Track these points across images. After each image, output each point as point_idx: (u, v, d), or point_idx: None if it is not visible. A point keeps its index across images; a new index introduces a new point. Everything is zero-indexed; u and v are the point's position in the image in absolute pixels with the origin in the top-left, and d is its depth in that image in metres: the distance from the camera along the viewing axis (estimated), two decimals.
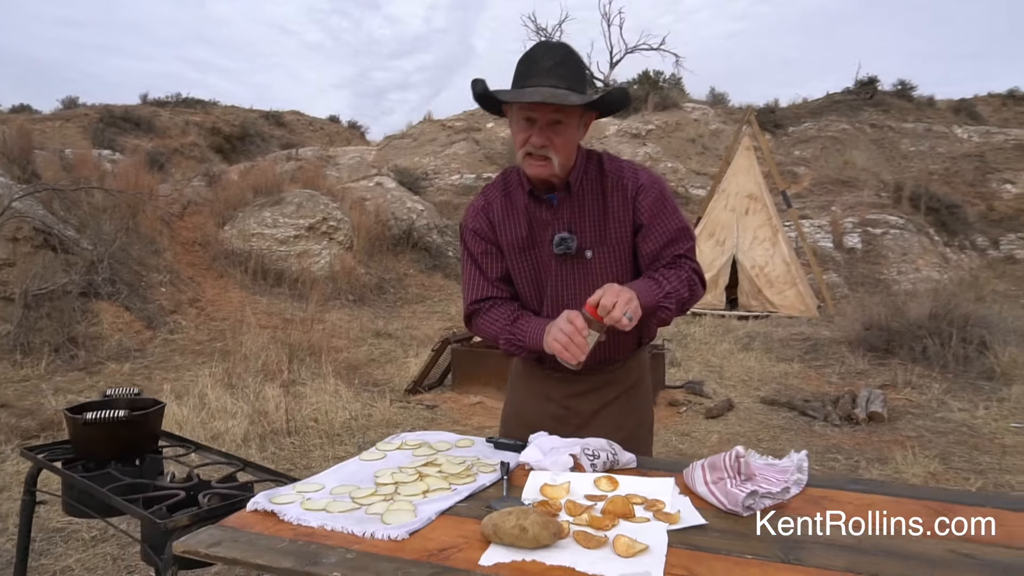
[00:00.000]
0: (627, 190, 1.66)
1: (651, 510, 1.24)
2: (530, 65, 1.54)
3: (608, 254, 1.68)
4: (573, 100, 1.49)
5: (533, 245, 1.71)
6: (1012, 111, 23.22)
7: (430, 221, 12.34)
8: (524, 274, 1.74)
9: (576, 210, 1.67)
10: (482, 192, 1.79)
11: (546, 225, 1.69)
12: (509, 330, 1.68)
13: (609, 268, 1.68)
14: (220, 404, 4.75)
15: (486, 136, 19.66)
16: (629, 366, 1.82)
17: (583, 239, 1.67)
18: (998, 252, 15.17)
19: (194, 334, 7.33)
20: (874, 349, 6.86)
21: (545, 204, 1.68)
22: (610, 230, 1.67)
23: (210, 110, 23.99)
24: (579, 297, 1.65)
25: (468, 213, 1.79)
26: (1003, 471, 3.80)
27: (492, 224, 1.73)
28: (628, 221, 1.67)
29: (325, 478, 1.46)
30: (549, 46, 1.58)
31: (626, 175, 1.67)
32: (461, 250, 1.82)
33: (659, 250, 1.67)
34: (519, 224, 1.71)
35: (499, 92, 1.55)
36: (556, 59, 1.53)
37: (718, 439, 4.55)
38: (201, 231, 9.96)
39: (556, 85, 1.50)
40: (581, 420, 1.76)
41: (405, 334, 7.95)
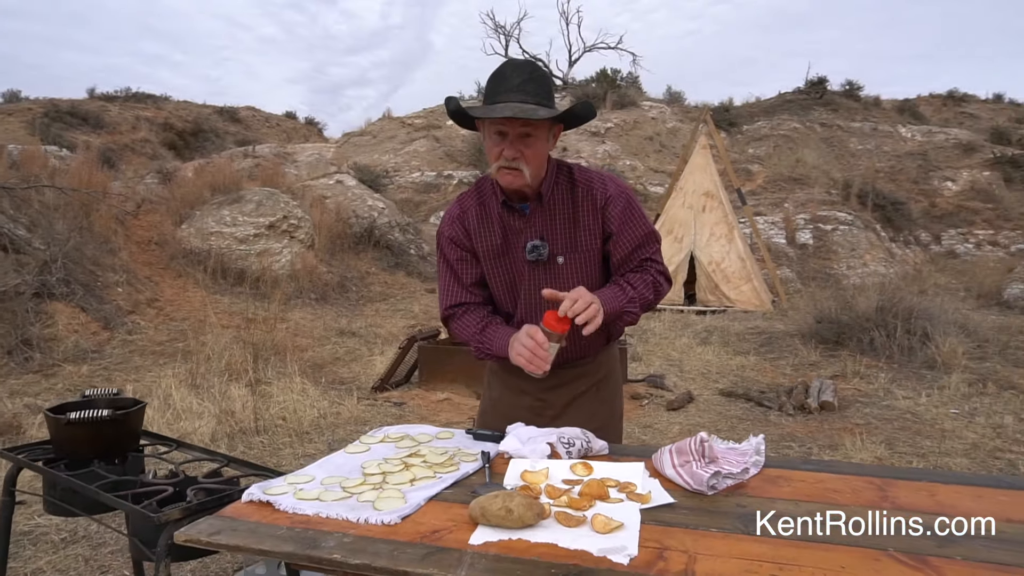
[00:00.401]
0: (596, 201, 1.77)
1: (624, 492, 1.34)
2: (500, 82, 1.64)
3: (578, 260, 1.78)
4: (541, 114, 1.59)
5: (507, 251, 1.79)
6: (952, 111, 24.13)
7: (391, 219, 12.32)
8: (499, 279, 1.83)
9: (547, 218, 1.77)
10: (458, 200, 1.87)
11: (519, 233, 1.78)
12: (478, 338, 1.78)
13: (579, 273, 1.79)
14: (186, 404, 4.74)
15: (446, 134, 19.66)
16: (599, 361, 1.92)
17: (554, 246, 1.77)
18: (940, 247, 15.79)
19: (153, 334, 7.23)
20: (825, 341, 7.14)
21: (518, 213, 1.77)
22: (580, 237, 1.77)
23: (162, 105, 23.45)
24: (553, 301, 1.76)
25: (444, 221, 1.87)
26: (942, 454, 4.04)
27: (468, 231, 1.81)
28: (598, 230, 1.78)
29: (314, 470, 1.52)
30: (516, 64, 1.67)
31: (595, 186, 1.78)
32: (438, 256, 1.90)
33: (628, 255, 1.79)
34: (493, 232, 1.79)
35: (471, 109, 1.65)
36: (524, 76, 1.63)
37: (679, 430, 4.71)
38: (157, 230, 9.79)
39: (525, 100, 1.60)
40: (555, 411, 1.86)
41: (369, 332, 7.96)
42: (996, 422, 4.66)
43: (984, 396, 5.34)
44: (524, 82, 1.62)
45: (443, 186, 16.32)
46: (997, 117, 22.91)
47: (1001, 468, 3.87)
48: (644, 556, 1.09)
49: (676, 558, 1.08)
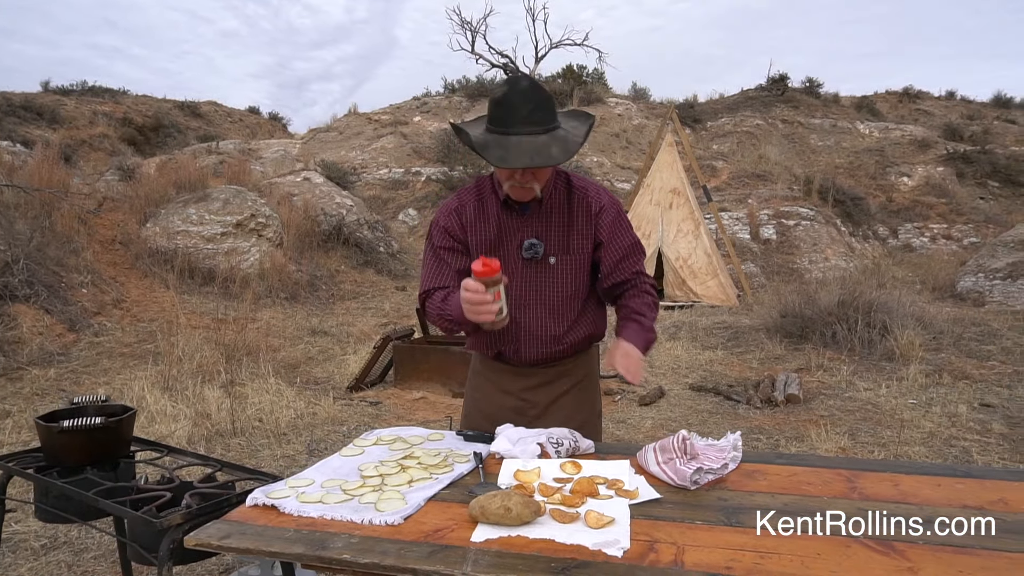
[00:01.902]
0: (591, 208, 1.87)
1: (613, 488, 1.42)
2: (508, 112, 1.66)
3: (570, 261, 1.87)
4: (558, 159, 1.64)
5: (499, 247, 1.86)
6: (907, 108, 24.78)
7: (360, 216, 12.27)
8: None
9: (544, 220, 1.85)
10: (456, 194, 1.93)
11: (515, 231, 1.86)
12: (441, 308, 1.82)
13: (570, 274, 1.87)
14: (160, 407, 4.71)
15: (414, 130, 19.60)
16: (579, 361, 2.01)
17: (548, 246, 1.85)
18: (897, 241, 16.25)
19: (121, 336, 7.13)
20: (790, 335, 7.34)
21: (516, 212, 1.85)
22: (573, 241, 1.86)
23: (120, 99, 22.91)
24: (540, 296, 1.87)
25: (441, 212, 1.93)
26: (902, 443, 4.22)
27: (463, 224, 1.87)
28: (590, 236, 1.87)
29: (313, 474, 1.57)
30: (522, 91, 1.68)
31: (591, 195, 1.88)
32: (426, 245, 1.96)
33: (615, 264, 1.88)
34: (488, 227, 1.86)
35: (483, 147, 1.68)
36: (531, 104, 1.66)
37: (652, 425, 4.83)
38: (121, 229, 9.62)
39: (535, 132, 1.65)
40: (538, 411, 1.94)
41: (341, 331, 7.96)
42: (951, 411, 4.87)
43: (940, 386, 5.56)
44: (532, 111, 1.66)
45: (411, 183, 16.29)
46: (950, 114, 23.61)
47: (956, 455, 4.06)
48: (636, 549, 1.17)
49: (666, 550, 1.17)
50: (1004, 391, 5.42)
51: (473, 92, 22.14)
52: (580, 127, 1.77)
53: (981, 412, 4.89)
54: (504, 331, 1.87)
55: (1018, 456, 4.05)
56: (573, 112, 1.83)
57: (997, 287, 10.42)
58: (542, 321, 1.90)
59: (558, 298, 1.89)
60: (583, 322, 1.96)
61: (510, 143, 1.64)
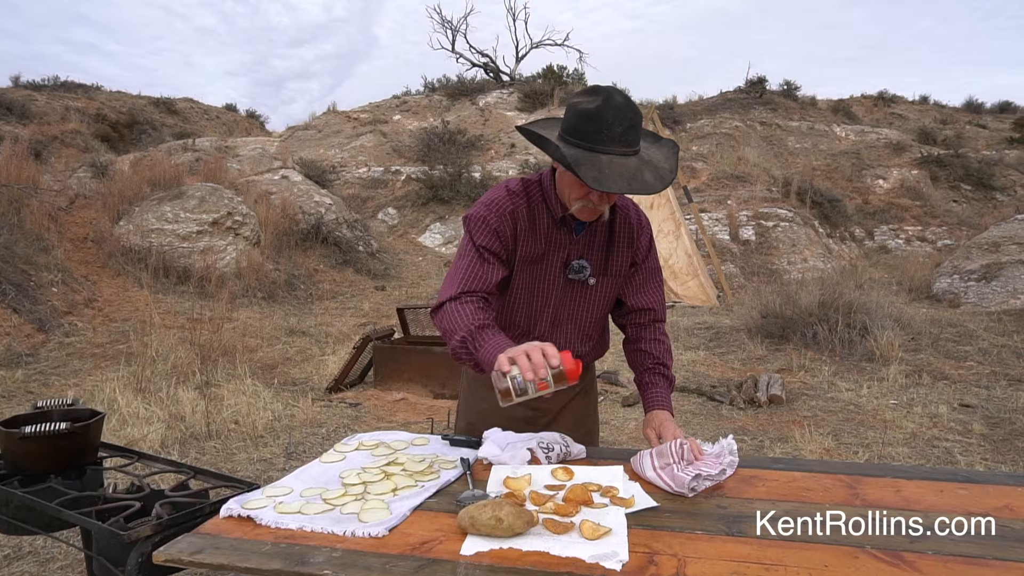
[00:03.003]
0: (633, 228, 1.80)
1: (607, 496, 1.36)
2: (600, 128, 1.50)
3: (607, 283, 1.80)
4: (654, 188, 1.51)
5: (541, 262, 1.74)
6: (882, 111, 25.14)
7: (339, 215, 12.13)
8: (523, 287, 1.77)
9: (589, 239, 1.76)
10: (508, 195, 1.72)
11: (561, 248, 1.74)
12: (472, 332, 1.54)
13: (606, 296, 1.82)
14: (132, 410, 4.58)
15: (393, 129, 19.47)
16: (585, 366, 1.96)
17: (591, 268, 1.77)
18: (873, 242, 16.44)
19: (92, 336, 6.95)
20: (771, 336, 7.36)
21: (567, 230, 1.73)
22: (612, 262, 1.79)
23: (93, 95, 22.52)
24: (576, 318, 1.81)
25: (491, 211, 1.69)
26: (885, 444, 4.22)
27: (516, 232, 1.71)
28: (628, 257, 1.80)
29: (291, 482, 1.50)
30: (618, 108, 1.51)
31: (631, 212, 1.81)
32: (465, 241, 1.72)
33: (642, 285, 1.85)
34: (537, 241, 1.72)
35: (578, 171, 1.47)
36: (625, 124, 1.51)
37: (635, 426, 4.79)
38: (93, 227, 9.41)
39: (626, 153, 1.52)
40: (548, 418, 1.88)
41: (319, 331, 7.84)
42: (932, 411, 4.89)
43: (920, 387, 5.59)
44: (626, 131, 1.52)
45: (391, 182, 16.15)
46: (924, 118, 23.98)
47: (939, 456, 4.07)
48: (635, 561, 1.11)
49: (666, 562, 1.11)
50: (982, 391, 5.46)
51: (453, 91, 22.04)
52: (656, 149, 1.63)
53: (961, 413, 4.91)
54: None
55: (999, 457, 4.07)
56: (644, 132, 1.64)
57: (972, 288, 10.54)
58: (570, 341, 1.83)
59: (591, 319, 1.84)
60: (602, 340, 1.95)
61: (601, 163, 1.49)
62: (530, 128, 1.62)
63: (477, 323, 1.56)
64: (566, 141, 1.55)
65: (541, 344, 1.41)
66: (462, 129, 18.33)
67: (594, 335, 1.88)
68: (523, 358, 1.38)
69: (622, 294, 1.85)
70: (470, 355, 1.56)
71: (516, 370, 1.38)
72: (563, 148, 1.52)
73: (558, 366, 1.38)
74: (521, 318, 1.80)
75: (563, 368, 1.39)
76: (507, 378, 1.39)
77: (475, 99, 21.23)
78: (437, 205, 14.51)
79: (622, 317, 1.91)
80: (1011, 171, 19.17)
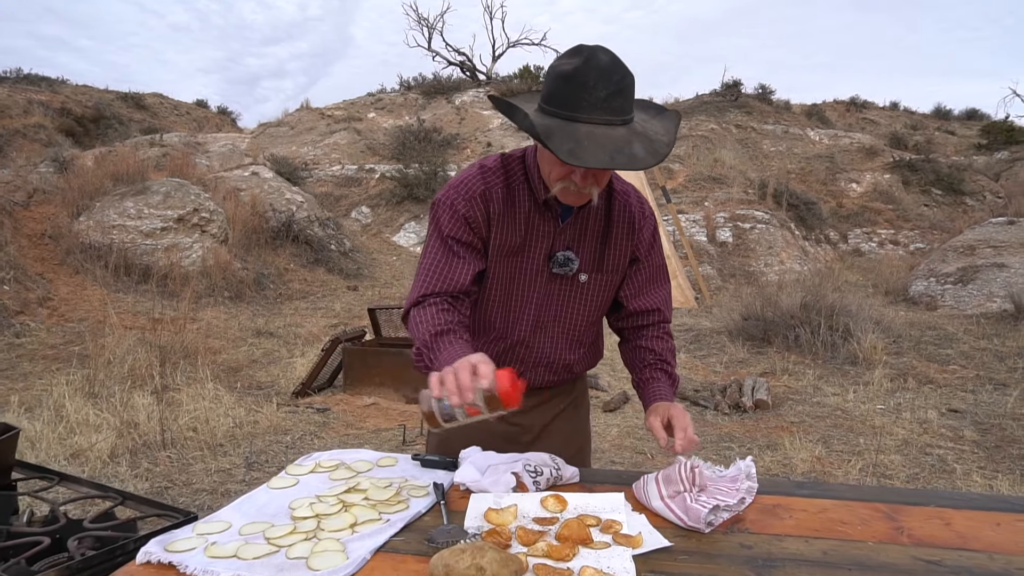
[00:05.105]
0: (634, 218, 1.53)
1: (608, 532, 1.14)
2: (579, 92, 1.25)
3: (601, 281, 1.54)
4: (645, 163, 1.25)
5: (521, 253, 1.49)
6: (855, 116, 25.39)
7: (311, 213, 11.80)
8: (501, 283, 1.51)
9: (579, 228, 1.50)
10: (480, 173, 1.47)
11: (544, 238, 1.48)
12: (428, 341, 1.36)
13: (599, 295, 1.56)
14: (81, 416, 4.27)
15: (368, 126, 19.14)
16: (573, 381, 1.72)
17: (582, 262, 1.51)
18: (847, 245, 16.52)
19: (46, 337, 6.59)
20: (752, 338, 7.21)
21: (551, 216, 1.48)
22: (609, 256, 1.53)
23: (58, 89, 21.87)
24: (563, 320, 1.55)
25: (459, 193, 1.45)
26: (879, 452, 4.06)
27: (489, 216, 1.46)
28: (627, 251, 1.54)
29: (230, 515, 1.25)
30: (602, 70, 1.26)
31: (632, 200, 1.55)
32: (431, 231, 1.48)
33: (643, 284, 1.58)
34: (516, 228, 1.47)
35: (550, 143, 1.23)
36: (611, 88, 1.25)
37: (617, 432, 4.59)
38: (51, 222, 9.00)
39: (611, 122, 1.26)
40: (531, 436, 1.62)
41: (288, 332, 7.53)
42: (921, 417, 4.76)
43: (906, 391, 5.47)
44: (612, 96, 1.25)
45: (365, 180, 15.83)
46: (895, 123, 24.27)
47: (933, 464, 3.92)
48: None
49: None
50: (969, 396, 5.36)
51: (429, 90, 21.76)
52: (658, 122, 1.35)
53: (950, 418, 4.79)
54: (511, 355, 1.54)
55: (993, 464, 3.93)
56: (643, 102, 1.38)
57: (949, 291, 10.54)
58: (557, 346, 1.57)
59: (581, 322, 1.56)
60: (596, 347, 1.68)
61: (579, 134, 1.24)
62: (504, 98, 1.37)
63: (434, 330, 1.35)
64: (543, 110, 1.30)
65: (474, 360, 1.19)
66: (438, 127, 18.05)
67: (585, 340, 1.62)
68: (450, 378, 1.17)
69: (621, 295, 1.58)
70: (427, 368, 1.35)
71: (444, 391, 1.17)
72: (534, 117, 1.27)
73: (489, 389, 1.16)
74: (498, 319, 1.54)
75: (495, 391, 1.17)
76: (433, 400, 1.20)
77: (451, 97, 20.97)
78: (412, 204, 14.22)
79: (621, 320, 1.63)
80: (980, 176, 19.43)
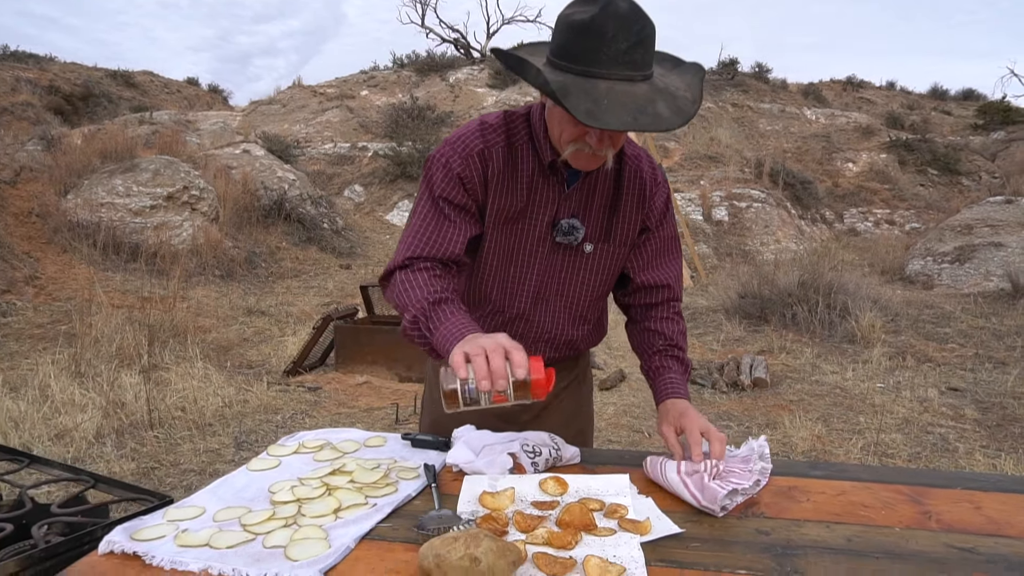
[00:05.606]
0: (645, 184, 1.41)
1: (613, 517, 1.06)
2: (597, 45, 1.12)
3: (608, 252, 1.42)
4: (671, 123, 1.13)
5: (522, 220, 1.37)
6: (851, 96, 25.20)
7: (303, 191, 11.64)
8: (499, 252, 1.40)
9: (586, 195, 1.38)
10: (479, 130, 1.35)
11: (548, 204, 1.36)
12: (425, 309, 1.23)
13: (606, 267, 1.44)
14: (67, 396, 4.17)
15: (360, 104, 18.90)
16: (576, 358, 1.62)
17: (588, 231, 1.40)
18: (842, 225, 16.46)
19: (32, 316, 6.46)
20: (749, 316, 7.15)
21: (557, 180, 1.35)
22: (617, 226, 1.41)
23: (46, 66, 21.53)
24: (566, 294, 1.44)
25: (455, 151, 1.33)
26: (880, 431, 4.01)
27: (486, 177, 1.33)
28: (637, 220, 1.41)
29: (206, 499, 1.16)
30: (622, 18, 1.12)
31: (644, 165, 1.42)
32: (423, 190, 1.36)
33: (653, 256, 1.46)
34: (518, 192, 1.34)
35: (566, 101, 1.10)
36: (632, 39, 1.12)
37: (614, 411, 4.52)
38: (38, 200, 8.83)
39: (633, 77, 1.13)
40: (531, 414, 1.51)
41: (280, 311, 7.43)
42: (921, 395, 4.70)
43: (905, 369, 5.41)
44: (632, 47, 1.12)
45: (357, 158, 15.65)
46: (891, 103, 24.10)
47: (935, 443, 3.87)
48: None
49: None
50: (968, 374, 5.30)
51: (423, 67, 21.48)
52: (676, 76, 1.22)
53: (950, 396, 4.73)
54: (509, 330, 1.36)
55: (995, 443, 3.88)
56: (657, 53, 1.22)
57: (945, 270, 10.49)
58: (559, 322, 1.46)
59: (585, 296, 1.45)
60: (600, 324, 1.56)
61: (598, 91, 1.10)
62: (510, 51, 1.23)
63: (432, 297, 1.24)
64: (554, 65, 1.17)
65: (508, 344, 1.09)
66: (431, 105, 17.82)
67: (590, 317, 1.50)
68: (480, 361, 1.07)
69: (629, 268, 1.46)
70: (424, 338, 1.26)
71: (472, 373, 1.08)
72: (548, 73, 1.14)
73: (523, 378, 1.08)
74: (495, 291, 1.43)
75: (530, 380, 1.09)
76: (457, 381, 1.11)
77: (445, 75, 20.70)
78: (405, 182, 14.06)
79: (628, 296, 1.51)
80: (976, 156, 19.33)
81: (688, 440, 1.24)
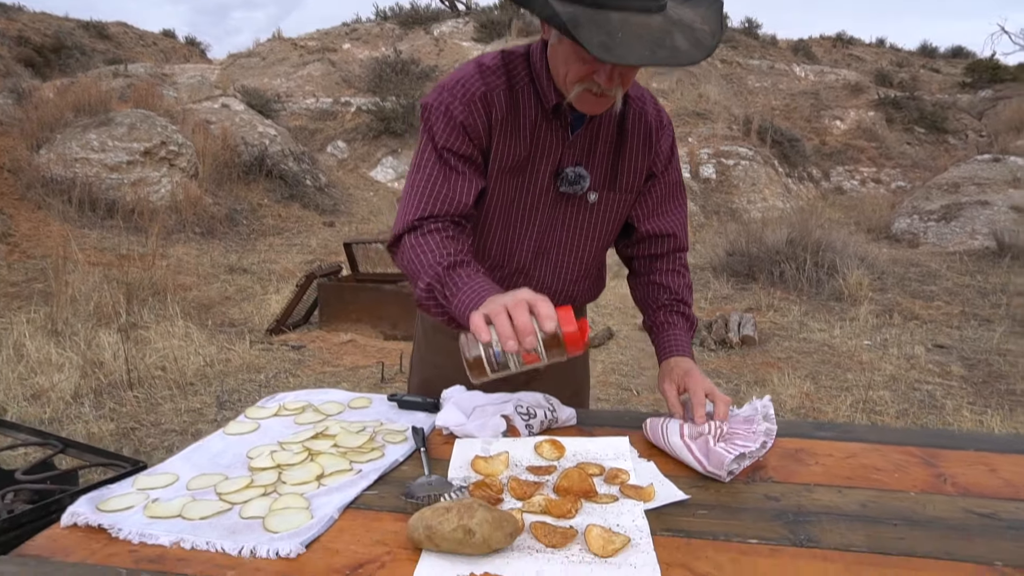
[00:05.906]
0: (650, 127, 1.32)
1: (615, 483, 1.00)
2: None
3: (613, 201, 1.34)
4: (691, 58, 1.03)
5: (525, 169, 1.28)
6: (840, 53, 24.93)
7: (284, 147, 11.38)
8: (500, 204, 1.30)
9: (590, 141, 1.29)
10: (478, 72, 1.23)
11: (552, 151, 1.27)
12: (440, 275, 1.14)
13: (610, 218, 1.36)
14: (43, 355, 4.07)
15: (343, 57, 18.40)
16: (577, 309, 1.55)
17: (593, 179, 1.31)
18: (829, 183, 16.44)
19: (6, 274, 6.30)
20: (737, 274, 7.12)
21: (561, 125, 1.26)
22: (623, 173, 1.32)
23: (14, 16, 20.72)
24: (568, 247, 1.36)
25: (455, 96, 1.21)
26: (868, 388, 4.00)
27: (490, 123, 1.22)
28: (643, 167, 1.33)
29: (178, 465, 1.09)
30: None
31: (648, 107, 1.33)
32: (423, 142, 1.25)
33: (658, 204, 1.38)
34: (521, 138, 1.25)
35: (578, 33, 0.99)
36: None
37: (602, 368, 4.49)
38: (10, 155, 8.57)
39: (647, 8, 1.03)
40: (528, 375, 1.45)
41: (262, 269, 7.30)
42: (908, 352, 4.71)
43: (891, 327, 5.42)
44: None
45: (340, 114, 15.30)
46: (880, 60, 23.89)
47: (922, 400, 3.88)
48: None
49: None
50: (954, 332, 5.32)
51: (406, 20, 20.91)
52: (689, 9, 1.09)
53: (937, 354, 4.75)
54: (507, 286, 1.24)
55: (982, 400, 3.90)
56: None
57: (931, 229, 10.50)
58: (560, 275, 1.38)
59: (588, 248, 1.37)
60: (600, 278, 1.48)
61: (612, 23, 1.00)
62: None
63: (447, 261, 1.14)
64: None
65: (528, 297, 0.99)
66: (415, 59, 17.40)
67: (592, 270, 1.42)
68: (502, 319, 0.96)
69: (633, 216, 1.38)
70: (440, 307, 1.17)
71: (494, 336, 0.97)
72: (556, 4, 1.03)
73: (553, 331, 0.97)
74: (494, 245, 1.34)
75: (561, 334, 0.98)
76: (480, 346, 0.99)
77: (429, 28, 20.18)
78: (389, 138, 13.79)
79: (631, 247, 1.43)
80: (963, 115, 19.26)
81: (692, 400, 1.18)
